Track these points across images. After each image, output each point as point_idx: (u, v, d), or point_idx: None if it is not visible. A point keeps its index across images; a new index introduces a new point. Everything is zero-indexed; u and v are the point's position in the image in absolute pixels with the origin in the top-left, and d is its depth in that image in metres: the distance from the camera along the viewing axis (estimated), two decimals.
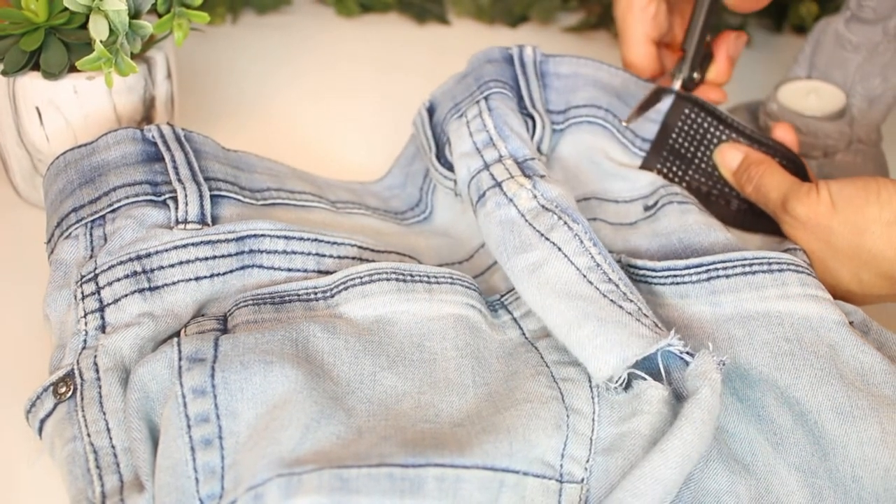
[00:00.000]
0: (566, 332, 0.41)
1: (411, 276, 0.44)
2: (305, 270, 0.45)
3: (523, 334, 0.44)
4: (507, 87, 0.52)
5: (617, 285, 0.42)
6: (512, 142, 0.49)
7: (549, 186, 0.46)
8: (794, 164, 0.54)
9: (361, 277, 0.43)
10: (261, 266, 0.44)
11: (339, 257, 0.46)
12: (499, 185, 0.47)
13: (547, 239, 0.44)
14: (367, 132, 0.67)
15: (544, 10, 0.84)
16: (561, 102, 0.53)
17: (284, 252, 0.45)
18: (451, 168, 0.51)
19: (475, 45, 0.80)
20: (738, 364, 0.42)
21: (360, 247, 0.47)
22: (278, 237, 0.45)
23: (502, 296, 0.46)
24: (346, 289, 0.43)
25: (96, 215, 0.45)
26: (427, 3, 0.83)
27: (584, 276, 0.42)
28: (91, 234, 0.44)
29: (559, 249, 0.43)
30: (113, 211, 0.44)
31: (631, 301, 0.41)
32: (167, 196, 0.45)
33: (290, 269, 0.45)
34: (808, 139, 0.63)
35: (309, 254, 0.45)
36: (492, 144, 0.49)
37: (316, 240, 0.46)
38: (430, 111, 0.55)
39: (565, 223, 0.44)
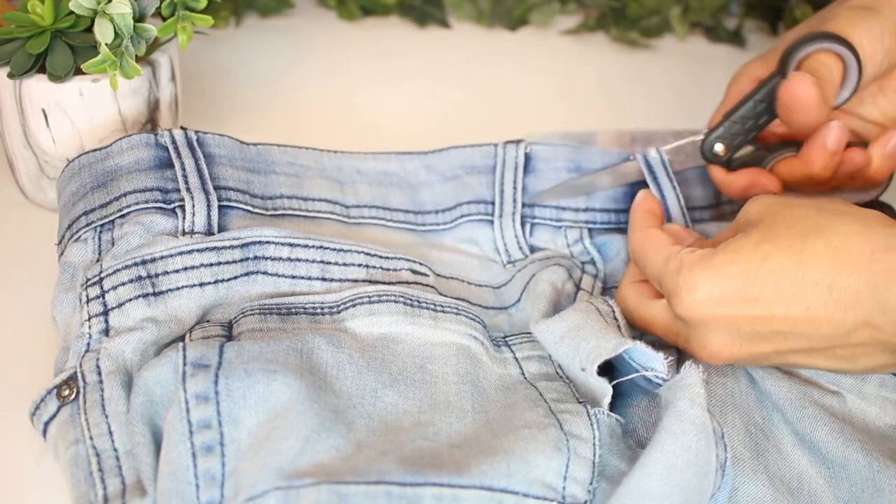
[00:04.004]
0: (575, 332, 0.42)
1: (418, 302, 0.44)
2: (310, 278, 0.45)
3: (522, 374, 0.44)
4: (613, 221, 0.54)
5: (623, 335, 0.43)
6: (608, 266, 0.52)
7: (615, 303, 0.46)
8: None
9: (370, 297, 0.44)
10: (265, 273, 0.44)
11: (344, 264, 0.46)
12: (577, 287, 0.49)
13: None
14: (368, 134, 0.67)
15: (543, 13, 0.84)
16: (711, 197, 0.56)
17: (289, 259, 0.45)
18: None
19: (475, 48, 0.81)
20: (794, 403, 0.44)
21: (366, 253, 0.47)
22: (283, 244, 0.45)
23: (506, 336, 0.47)
24: (353, 306, 0.43)
25: (106, 220, 0.45)
26: (427, 6, 0.84)
27: (602, 317, 0.44)
28: (99, 238, 0.45)
29: (589, 302, 0.45)
30: (122, 216, 0.45)
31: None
32: (176, 204, 0.45)
33: (294, 276, 0.45)
34: None
35: (314, 261, 0.45)
36: (592, 265, 0.52)
37: (321, 247, 0.46)
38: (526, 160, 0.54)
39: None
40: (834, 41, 0.49)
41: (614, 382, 0.41)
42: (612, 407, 0.41)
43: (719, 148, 0.53)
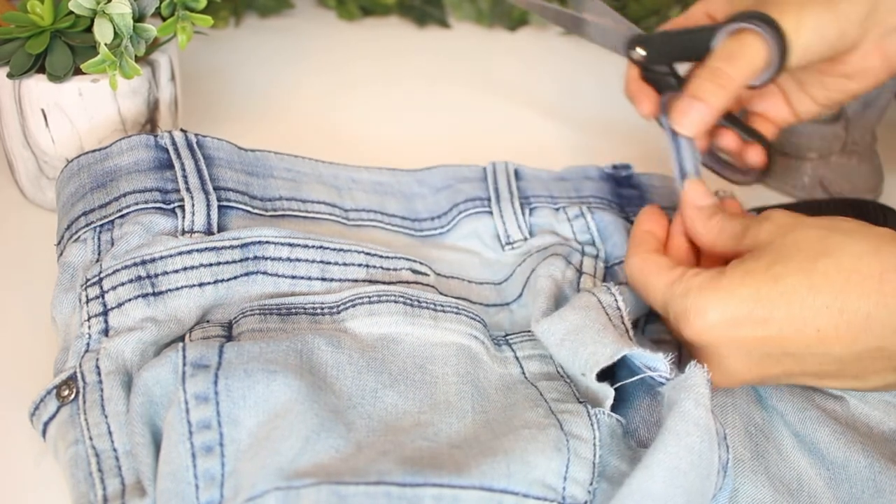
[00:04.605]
0: (574, 336, 0.42)
1: (418, 301, 0.44)
2: (310, 278, 0.45)
3: (523, 373, 0.44)
4: (605, 205, 0.55)
5: (627, 330, 0.43)
6: (608, 245, 0.52)
7: (623, 289, 0.46)
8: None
9: (370, 297, 0.44)
10: (265, 273, 0.44)
11: (344, 264, 0.46)
12: (579, 272, 0.49)
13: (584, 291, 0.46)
14: (368, 135, 0.67)
15: None
16: (666, 203, 0.56)
17: (289, 259, 0.45)
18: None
19: (475, 48, 0.81)
20: (796, 405, 0.44)
21: (366, 253, 0.47)
22: (283, 244, 0.45)
23: (507, 335, 0.47)
24: (353, 306, 0.43)
25: (105, 220, 0.45)
26: (427, 6, 0.84)
27: (603, 308, 0.44)
28: (99, 239, 0.45)
29: (590, 292, 0.45)
30: (122, 216, 0.45)
31: (633, 342, 0.42)
32: (176, 205, 0.45)
33: (294, 277, 0.45)
34: (803, 141, 0.64)
35: (313, 261, 0.45)
36: (592, 245, 0.52)
37: (321, 247, 0.46)
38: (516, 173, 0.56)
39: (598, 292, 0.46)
40: (764, 24, 0.49)
41: (617, 385, 0.41)
42: (614, 407, 0.41)
43: (640, 53, 0.55)
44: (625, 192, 0.56)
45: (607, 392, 0.40)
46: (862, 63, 0.52)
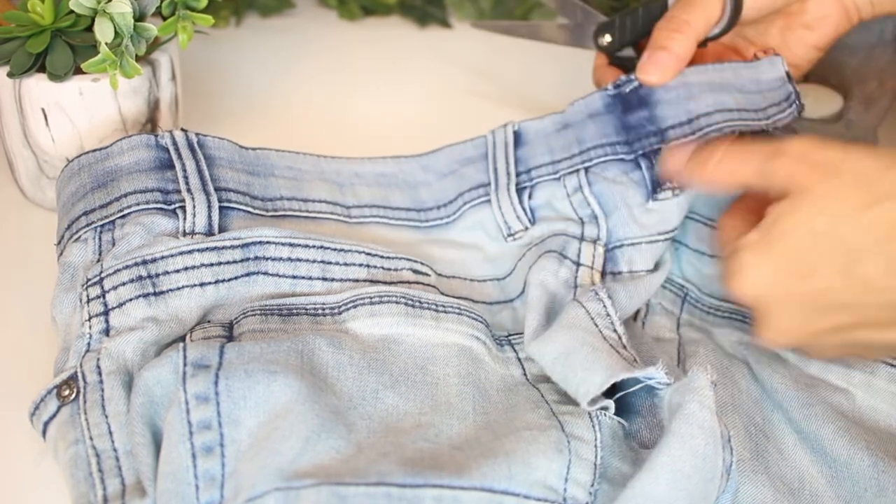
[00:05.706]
0: (563, 360, 0.41)
1: (420, 302, 0.44)
2: (311, 278, 0.45)
3: (524, 374, 0.44)
4: (609, 152, 0.50)
5: (620, 337, 0.43)
6: (610, 221, 0.49)
7: (615, 287, 0.46)
8: None
9: (371, 297, 0.44)
10: (266, 273, 0.44)
11: (345, 264, 0.46)
12: (577, 264, 0.48)
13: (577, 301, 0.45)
14: (369, 134, 0.67)
15: (544, 13, 0.84)
16: (681, 114, 0.49)
17: (290, 259, 0.45)
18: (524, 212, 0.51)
19: (476, 48, 0.81)
20: (801, 401, 0.44)
21: (367, 253, 0.47)
22: (283, 244, 0.45)
23: (510, 335, 0.47)
24: (354, 307, 0.43)
25: (106, 220, 0.45)
26: (428, 6, 0.84)
27: (592, 319, 0.43)
28: (100, 239, 0.45)
29: (578, 301, 0.45)
30: (123, 217, 0.45)
31: (627, 350, 0.42)
32: (177, 205, 0.45)
33: (295, 277, 0.45)
34: None
35: (314, 261, 0.45)
36: (594, 221, 0.50)
37: (321, 247, 0.46)
38: (516, 137, 0.53)
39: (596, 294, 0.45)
40: None
41: (617, 396, 0.41)
42: (615, 408, 0.41)
43: (608, 39, 0.58)
44: (633, 118, 0.50)
45: (606, 405, 0.40)
46: (819, 11, 0.54)
